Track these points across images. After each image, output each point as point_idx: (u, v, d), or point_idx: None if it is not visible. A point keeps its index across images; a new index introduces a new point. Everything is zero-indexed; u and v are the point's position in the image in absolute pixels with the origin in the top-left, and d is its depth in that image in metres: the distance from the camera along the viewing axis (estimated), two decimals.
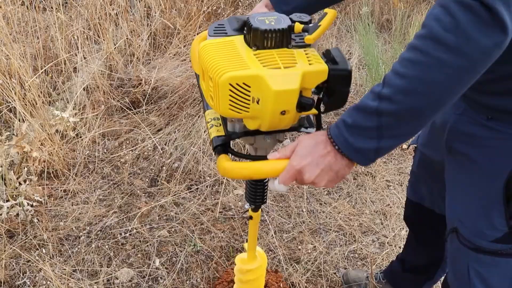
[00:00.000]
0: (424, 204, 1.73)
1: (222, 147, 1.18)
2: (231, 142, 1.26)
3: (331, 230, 2.47)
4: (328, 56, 1.08)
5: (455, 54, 0.87)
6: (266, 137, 1.23)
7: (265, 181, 1.43)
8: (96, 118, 2.99)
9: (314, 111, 1.12)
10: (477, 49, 0.86)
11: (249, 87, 1.01)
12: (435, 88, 0.91)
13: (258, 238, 2.36)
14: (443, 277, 2.14)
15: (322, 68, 1.05)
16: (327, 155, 1.03)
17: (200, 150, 2.77)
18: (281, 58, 1.06)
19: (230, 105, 1.03)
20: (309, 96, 1.08)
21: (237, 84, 1.00)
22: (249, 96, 1.02)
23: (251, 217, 1.51)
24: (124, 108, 3.14)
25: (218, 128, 1.23)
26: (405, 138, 1.01)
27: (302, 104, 1.05)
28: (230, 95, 1.02)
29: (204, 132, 2.84)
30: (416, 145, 1.68)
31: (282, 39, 1.08)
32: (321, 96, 1.11)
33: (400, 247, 2.40)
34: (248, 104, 1.04)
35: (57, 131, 2.80)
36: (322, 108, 1.15)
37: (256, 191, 1.43)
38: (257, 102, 1.03)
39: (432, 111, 0.95)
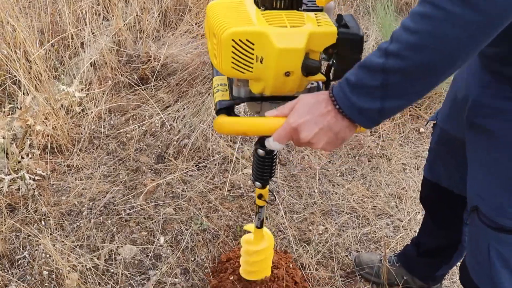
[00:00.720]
0: (441, 183, 1.65)
1: (225, 110, 1.14)
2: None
3: (343, 212, 2.36)
4: (340, 21, 1.05)
5: (470, 9, 0.80)
6: (273, 105, 1.18)
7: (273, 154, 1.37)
8: (103, 94, 2.90)
9: (322, 77, 1.08)
10: (494, 4, 0.79)
11: (253, 44, 0.99)
12: (447, 44, 0.84)
13: (267, 218, 2.27)
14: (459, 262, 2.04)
15: (331, 30, 1.02)
16: (327, 114, 0.96)
17: (209, 128, 2.67)
18: (289, 18, 1.03)
19: (233, 63, 1.01)
20: (316, 59, 1.03)
21: (240, 41, 0.98)
22: (252, 54, 1.00)
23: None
24: (132, 84, 3.05)
25: (223, 93, 1.20)
26: (411, 98, 0.94)
27: (308, 67, 1.01)
28: (233, 52, 1.00)
29: (214, 109, 2.74)
30: (435, 121, 1.60)
31: (292, 0, 1.07)
32: (331, 62, 1.07)
33: (415, 231, 2.29)
34: (252, 63, 1.01)
35: (62, 105, 2.72)
36: (331, 76, 1.11)
37: (264, 165, 1.38)
38: (261, 61, 1.01)
39: (443, 68, 0.88)
